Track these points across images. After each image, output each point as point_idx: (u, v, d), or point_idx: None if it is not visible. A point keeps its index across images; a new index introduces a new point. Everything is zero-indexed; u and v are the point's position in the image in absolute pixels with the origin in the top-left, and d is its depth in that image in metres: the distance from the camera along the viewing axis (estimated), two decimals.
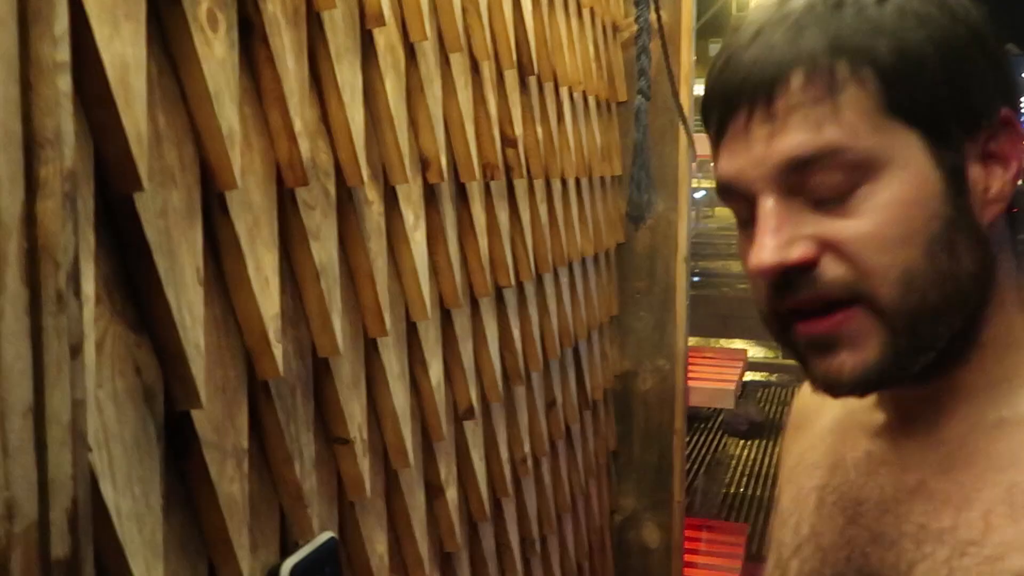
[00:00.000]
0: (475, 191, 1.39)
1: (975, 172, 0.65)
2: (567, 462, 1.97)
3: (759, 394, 7.19)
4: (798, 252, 0.63)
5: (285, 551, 0.94)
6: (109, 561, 0.69)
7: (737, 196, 0.67)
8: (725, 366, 3.04)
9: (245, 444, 0.85)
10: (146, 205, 0.71)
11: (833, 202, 0.63)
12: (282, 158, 0.90)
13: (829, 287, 0.63)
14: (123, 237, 0.72)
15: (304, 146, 0.91)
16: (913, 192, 0.62)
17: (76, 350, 0.60)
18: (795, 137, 0.63)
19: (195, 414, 0.78)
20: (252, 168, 0.86)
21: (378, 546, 1.12)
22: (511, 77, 1.53)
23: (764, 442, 6.22)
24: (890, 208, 0.62)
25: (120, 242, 0.72)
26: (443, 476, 1.30)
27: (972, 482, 0.62)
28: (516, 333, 1.57)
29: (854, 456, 0.73)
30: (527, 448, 1.66)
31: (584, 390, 2.10)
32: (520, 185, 1.59)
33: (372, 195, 1.09)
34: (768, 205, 0.64)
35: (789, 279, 0.64)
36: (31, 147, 0.57)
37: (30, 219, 0.57)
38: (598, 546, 2.30)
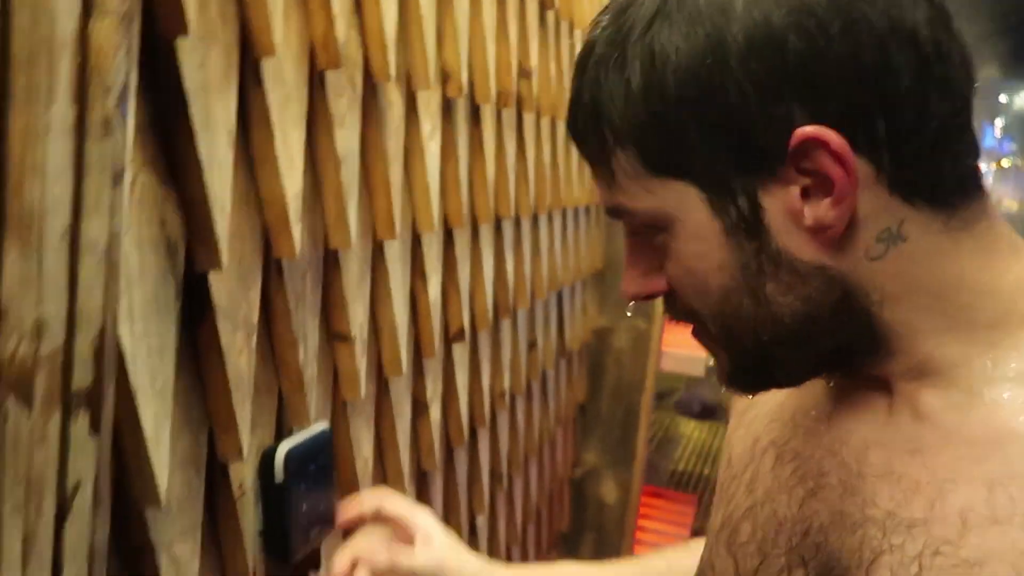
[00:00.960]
0: (488, 115, 1.38)
1: (783, 205, 0.60)
2: (540, 405, 1.98)
3: (713, 379, 7.27)
4: (649, 287, 0.67)
5: (280, 436, 0.93)
6: (120, 406, 0.68)
7: None
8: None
9: (255, 319, 0.84)
10: (188, 54, 0.70)
11: (660, 248, 0.65)
12: (317, 37, 0.89)
13: (678, 314, 0.67)
14: (162, 86, 0.70)
15: (340, 28, 0.89)
16: (696, 247, 0.62)
17: (118, 179, 0.59)
18: (600, 191, 0.66)
19: (212, 279, 0.77)
20: (288, 42, 0.85)
21: (364, 449, 1.11)
22: (532, 7, 1.52)
23: (716, 425, 6.28)
24: (681, 261, 0.63)
25: (158, 89, 0.70)
26: (429, 393, 1.30)
27: (945, 470, 0.59)
28: (509, 266, 1.57)
29: (815, 423, 0.69)
30: (507, 383, 1.66)
31: (563, 338, 2.11)
32: (529, 120, 1.58)
33: (394, 97, 1.07)
34: (626, 241, 0.68)
35: (655, 297, 0.67)
36: None
37: (84, 37, 0.56)
38: (558, 495, 2.32)
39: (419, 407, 1.29)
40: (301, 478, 0.91)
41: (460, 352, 1.41)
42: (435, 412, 1.33)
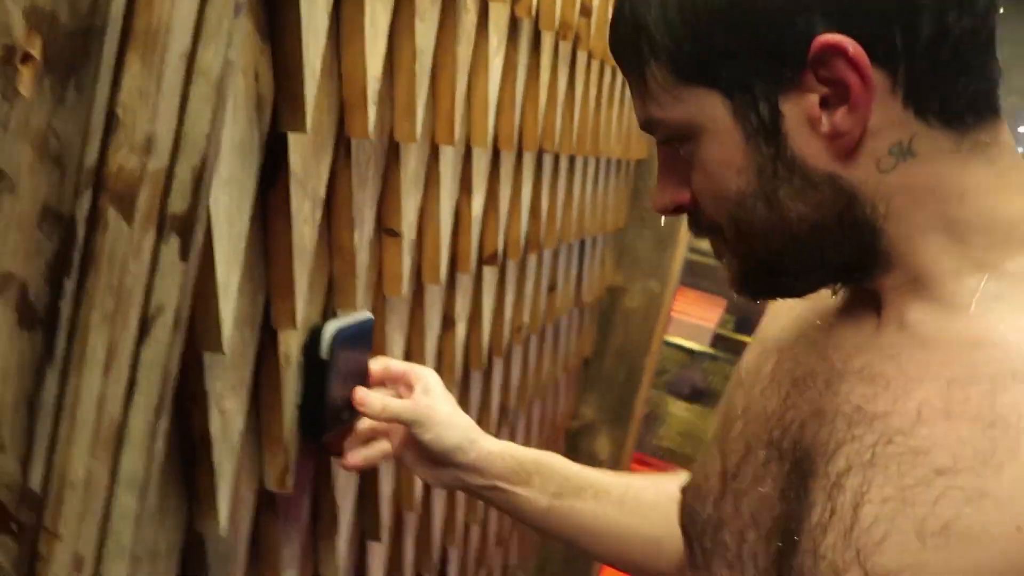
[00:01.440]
0: (547, 44, 1.39)
1: (802, 112, 0.63)
2: (551, 350, 1.99)
3: (705, 364, 7.31)
4: (675, 199, 0.71)
5: (325, 316, 0.94)
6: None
7: None
8: (707, 308, 3.08)
9: (322, 193, 0.85)
10: None
11: (687, 157, 0.68)
12: None
13: (701, 229, 0.71)
14: None
15: None
16: (718, 151, 0.66)
17: (239, 8, 0.60)
18: (636, 104, 0.70)
19: (292, 142, 0.78)
20: None
21: (395, 349, 1.13)
22: None
23: (703, 409, 6.33)
24: (705, 167, 0.67)
25: None
26: (458, 309, 1.31)
27: (915, 370, 0.63)
28: (544, 200, 1.58)
29: (817, 331, 0.73)
30: (526, 318, 1.68)
31: (580, 288, 2.12)
32: (581, 59, 1.59)
33: (471, 3, 1.08)
34: (659, 154, 0.72)
35: (683, 210, 0.71)
36: None
37: None
38: (553, 443, 2.34)
39: (447, 322, 1.30)
40: (342, 360, 0.92)
41: (490, 275, 1.42)
42: (460, 330, 1.34)
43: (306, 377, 0.91)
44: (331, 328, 0.91)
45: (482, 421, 1.60)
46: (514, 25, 1.24)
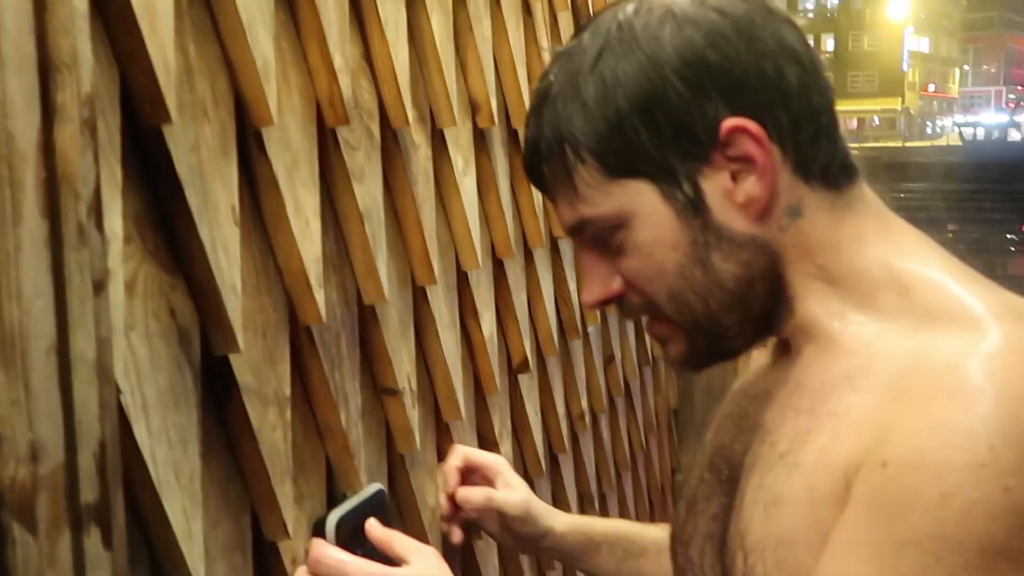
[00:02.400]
0: None
1: (719, 187, 0.73)
2: (626, 418, 1.93)
3: None
4: (604, 291, 0.79)
5: (333, 503, 0.91)
6: (146, 508, 0.67)
7: None
8: None
9: (287, 391, 0.82)
10: (176, 139, 0.68)
11: (618, 248, 0.77)
12: (322, 95, 0.86)
13: (634, 310, 0.80)
14: (154, 173, 0.69)
15: (345, 83, 0.87)
16: (653, 232, 0.75)
17: (100, 286, 0.57)
18: (562, 212, 0.79)
19: (234, 359, 0.75)
20: (290, 105, 0.83)
21: (429, 499, 1.09)
22: (565, 20, 1.47)
23: None
24: (641, 249, 0.75)
25: (151, 179, 0.69)
26: (497, 429, 1.27)
27: (793, 386, 0.75)
28: (572, 285, 1.53)
29: (756, 378, 0.84)
30: (584, 403, 1.62)
31: (644, 346, 2.05)
32: None
33: (419, 138, 1.05)
34: (582, 254, 0.81)
35: (613, 303, 0.80)
36: (47, 70, 0.54)
37: (47, 147, 0.54)
38: (659, 504, 2.26)
39: (487, 444, 1.26)
40: (357, 543, 0.88)
41: (528, 382, 1.37)
42: (505, 447, 1.30)
43: None
44: (334, 518, 0.87)
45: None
46: (481, 137, 1.20)
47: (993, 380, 0.63)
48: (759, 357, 0.86)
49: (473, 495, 1.06)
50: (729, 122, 0.71)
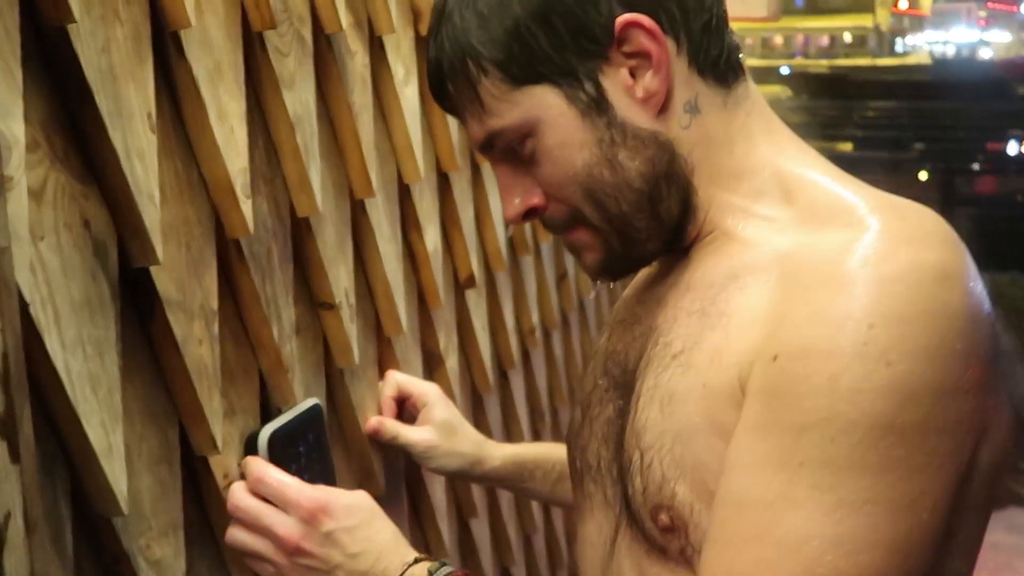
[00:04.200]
0: None
1: (619, 84, 0.75)
2: (580, 333, 1.93)
3: None
4: (525, 204, 0.79)
5: (268, 418, 0.90)
6: (61, 422, 0.66)
7: None
8: None
9: (214, 305, 0.80)
10: (84, 40, 0.65)
11: (529, 157, 0.77)
12: None
13: (555, 220, 0.80)
14: (62, 77, 0.66)
15: None
16: (560, 135, 0.75)
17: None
18: (472, 129, 0.79)
19: (155, 271, 0.73)
20: (211, 7, 0.79)
21: (370, 414, 1.08)
22: None
23: None
24: (551, 154, 0.76)
25: (60, 83, 0.66)
26: (442, 345, 1.26)
27: (684, 287, 0.77)
28: None
29: (648, 285, 0.85)
30: (536, 319, 1.61)
31: None
32: None
33: (355, 45, 1.01)
34: (496, 169, 0.81)
35: (533, 215, 0.80)
36: None
37: None
38: None
39: (432, 359, 1.25)
40: (291, 459, 0.88)
41: (475, 298, 1.36)
42: (452, 362, 1.29)
43: None
44: (266, 433, 0.86)
45: (512, 434, 1.56)
46: (424, 45, 1.17)
47: (868, 266, 0.66)
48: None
49: (383, 429, 1.07)
50: (623, 18, 0.73)
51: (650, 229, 0.77)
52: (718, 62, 0.76)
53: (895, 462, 0.63)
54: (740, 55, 0.79)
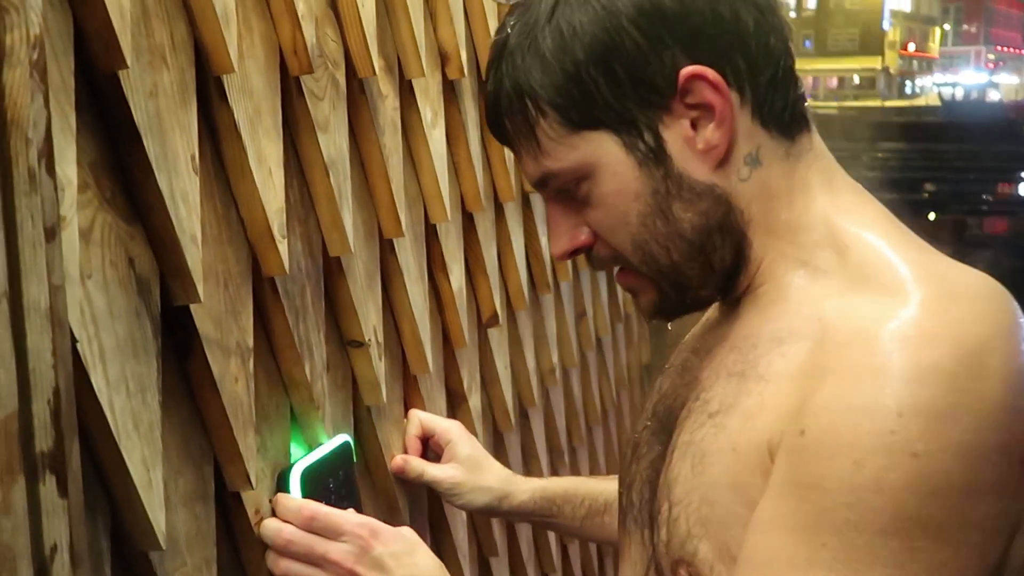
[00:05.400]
0: None
1: (679, 135, 0.73)
2: (598, 373, 1.94)
3: None
4: (572, 243, 0.79)
5: (298, 455, 0.91)
6: (104, 457, 0.67)
7: None
8: None
9: (250, 342, 0.82)
10: (133, 85, 0.67)
11: (583, 199, 0.77)
12: (285, 43, 0.85)
13: (602, 261, 0.80)
14: (111, 120, 0.68)
15: (309, 30, 0.86)
16: (615, 183, 0.74)
17: (52, 233, 0.57)
18: (526, 166, 0.79)
19: (195, 309, 0.75)
20: (252, 52, 0.82)
21: (396, 451, 1.09)
22: None
23: None
24: (605, 200, 0.75)
25: (108, 126, 0.68)
26: (466, 383, 1.27)
27: (730, 343, 0.76)
28: (543, 240, 1.52)
29: (704, 332, 0.85)
30: (555, 358, 1.62)
31: (616, 302, 2.06)
32: None
33: (386, 88, 1.04)
34: (549, 207, 0.80)
35: (581, 254, 0.80)
36: None
37: None
38: None
39: (456, 398, 1.26)
40: (321, 495, 0.89)
41: (497, 336, 1.38)
42: (474, 400, 1.30)
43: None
44: (298, 469, 0.87)
45: (531, 469, 1.56)
46: (451, 88, 1.19)
47: (904, 348, 0.63)
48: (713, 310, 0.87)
49: (409, 467, 1.09)
50: (687, 70, 0.71)
51: (702, 277, 0.77)
52: (782, 114, 0.75)
53: (918, 554, 0.61)
54: (806, 105, 0.78)
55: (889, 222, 0.76)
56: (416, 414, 1.13)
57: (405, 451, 1.11)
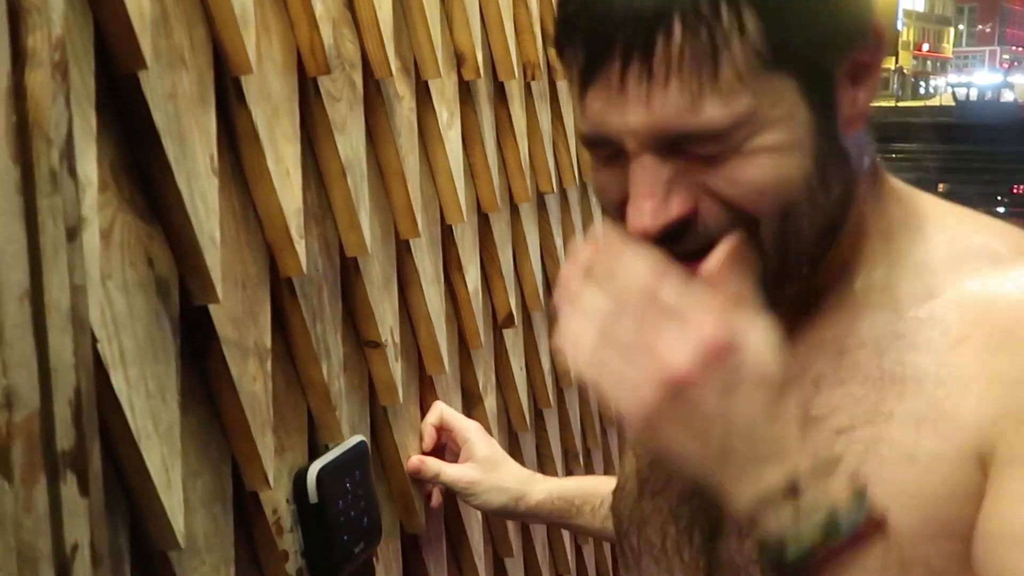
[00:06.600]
0: (514, 91, 1.33)
1: (844, 93, 0.64)
2: None
3: None
4: (676, 209, 0.62)
5: (315, 454, 0.91)
6: (124, 457, 0.67)
7: (605, 145, 0.64)
8: None
9: (268, 342, 0.82)
10: (153, 86, 0.67)
11: (711, 156, 0.61)
12: (303, 44, 0.85)
13: (711, 233, 0.63)
14: (130, 121, 0.68)
15: (326, 32, 0.86)
16: (787, 138, 0.61)
17: (74, 233, 0.57)
18: (673, 110, 0.60)
19: (213, 310, 0.75)
20: (270, 54, 0.82)
21: (412, 452, 1.09)
22: None
23: None
24: (766, 157, 0.61)
25: (128, 127, 0.68)
26: (481, 384, 1.27)
27: (812, 345, 0.68)
28: (558, 240, 1.52)
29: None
30: None
31: None
32: (564, 87, 1.53)
33: (402, 90, 1.04)
34: (644, 166, 0.62)
35: (671, 231, 0.62)
36: (16, 13, 0.53)
37: (18, 91, 0.54)
38: None
39: (471, 399, 1.26)
40: (337, 495, 0.89)
41: (513, 337, 1.37)
42: (490, 401, 1.30)
43: (303, 523, 0.88)
44: (315, 469, 0.87)
45: (546, 468, 1.56)
46: (467, 89, 1.19)
47: None
48: None
49: (425, 468, 1.08)
50: (879, 23, 0.64)
51: (798, 268, 0.65)
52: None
53: None
54: None
55: (954, 207, 0.73)
56: (439, 405, 1.14)
57: (421, 439, 1.11)
